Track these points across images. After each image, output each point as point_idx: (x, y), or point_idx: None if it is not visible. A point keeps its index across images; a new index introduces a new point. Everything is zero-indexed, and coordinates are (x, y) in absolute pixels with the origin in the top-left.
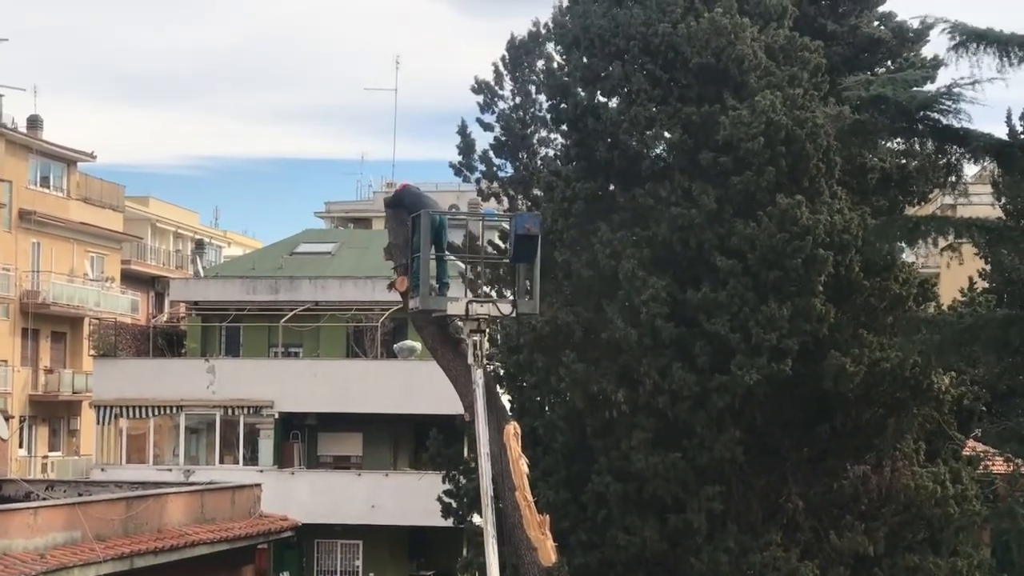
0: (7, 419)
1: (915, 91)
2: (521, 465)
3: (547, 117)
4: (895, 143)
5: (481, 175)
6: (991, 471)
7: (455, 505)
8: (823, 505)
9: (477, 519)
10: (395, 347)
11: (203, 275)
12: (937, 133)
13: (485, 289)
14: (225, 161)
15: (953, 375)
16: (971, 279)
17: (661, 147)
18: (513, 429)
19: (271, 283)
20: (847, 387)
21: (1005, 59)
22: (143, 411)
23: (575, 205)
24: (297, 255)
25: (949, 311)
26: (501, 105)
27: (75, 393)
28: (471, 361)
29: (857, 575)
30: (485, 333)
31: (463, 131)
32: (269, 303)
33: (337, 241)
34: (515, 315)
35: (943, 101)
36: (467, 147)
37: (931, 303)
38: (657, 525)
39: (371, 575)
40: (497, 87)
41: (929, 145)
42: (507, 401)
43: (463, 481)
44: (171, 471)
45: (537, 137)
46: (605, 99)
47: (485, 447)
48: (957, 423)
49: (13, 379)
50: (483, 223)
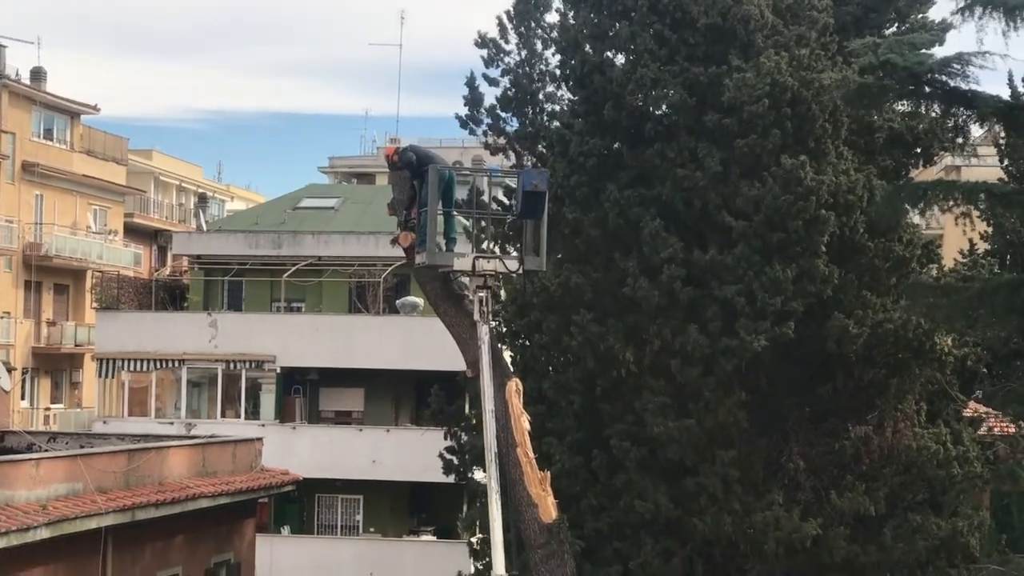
0: (9, 371)
1: (924, 55)
2: (522, 422)
3: (555, 72)
4: (903, 106)
5: (488, 128)
6: (992, 432)
7: (456, 462)
8: (824, 465)
9: (478, 476)
10: (397, 303)
11: (206, 229)
12: (945, 96)
13: (490, 244)
14: (229, 115)
15: (955, 336)
16: (972, 242)
17: (665, 107)
18: (515, 385)
19: (274, 237)
20: (850, 348)
21: (1011, 23)
22: (145, 364)
23: (589, 161)
24: (300, 210)
25: (951, 273)
26: (506, 60)
27: (77, 346)
28: (477, 317)
29: (857, 535)
30: (491, 289)
31: (471, 84)
32: (272, 257)
33: (340, 196)
34: (522, 271)
35: (952, 66)
36: (474, 100)
37: (934, 265)
38: (669, 489)
39: (371, 530)
40: (502, 41)
41: (936, 108)
42: (508, 358)
43: (464, 438)
44: (172, 424)
45: (543, 92)
46: (611, 57)
47: (490, 403)
48: (959, 384)
49: (16, 331)
50: (489, 179)
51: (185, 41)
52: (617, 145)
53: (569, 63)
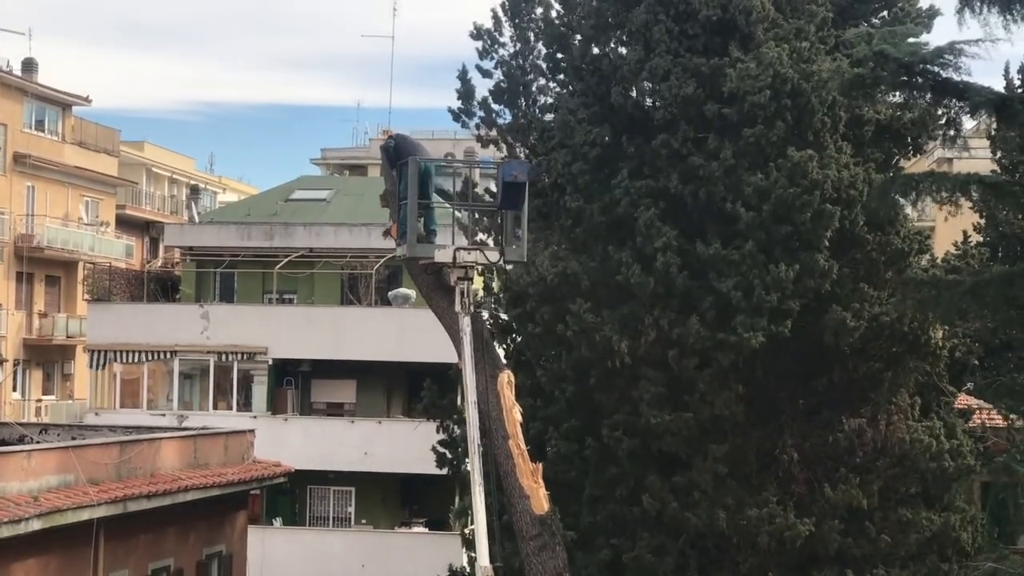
0: (1, 362)
1: (917, 45)
2: (514, 414)
3: (544, 66)
4: (894, 96)
5: (480, 121)
6: (983, 425)
7: (449, 454)
8: (818, 458)
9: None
10: (390, 294)
11: (198, 221)
12: (937, 87)
13: (481, 236)
14: (221, 107)
15: (946, 329)
16: (965, 233)
17: (673, 98)
18: (507, 377)
19: (266, 229)
20: (847, 341)
21: (1009, 17)
22: (137, 356)
23: (593, 151)
24: (292, 201)
25: (943, 264)
26: (501, 52)
27: (69, 337)
28: (458, 308)
29: (850, 528)
30: (472, 280)
31: (463, 76)
32: (264, 249)
33: (332, 188)
34: (503, 262)
35: (945, 56)
36: (467, 93)
37: (925, 256)
38: (661, 482)
39: (363, 522)
40: (497, 33)
41: (928, 98)
42: (502, 351)
43: (457, 430)
44: (164, 416)
45: (536, 85)
46: (617, 48)
47: (473, 395)
48: (949, 377)
49: (7, 323)
50: (478, 170)
51: (177, 33)
52: (610, 137)
53: (556, 56)
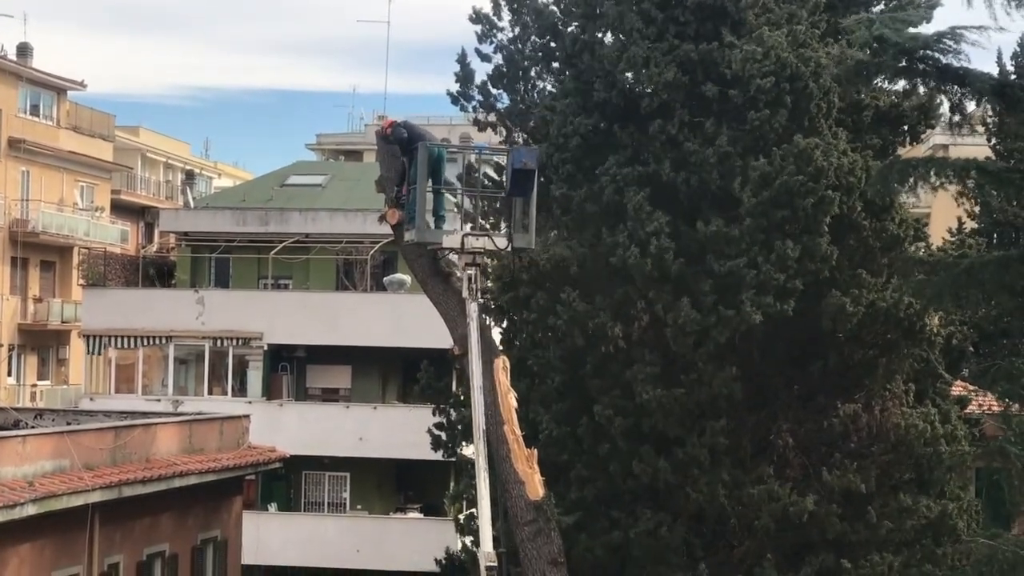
0: None
1: (917, 32)
2: (509, 399)
3: (540, 53)
4: (895, 84)
5: (478, 105)
6: (979, 411)
7: (445, 438)
8: (813, 443)
9: (466, 452)
10: (385, 280)
11: (193, 206)
12: (938, 73)
13: (481, 222)
14: (216, 92)
15: (942, 315)
16: (960, 220)
17: (656, 85)
18: (502, 363)
19: (261, 214)
20: (845, 327)
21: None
22: (132, 341)
23: (572, 140)
24: (288, 187)
25: (939, 251)
26: (499, 37)
27: (64, 322)
28: (466, 295)
29: (846, 513)
30: (480, 266)
31: (462, 60)
32: (259, 235)
33: (328, 173)
34: (511, 249)
35: (945, 41)
36: (465, 76)
37: (921, 242)
38: (657, 459)
39: (359, 507)
40: (496, 18)
41: (930, 85)
42: (497, 336)
43: (453, 414)
44: (160, 401)
45: (535, 70)
46: (601, 36)
47: (479, 380)
48: (945, 363)
49: (2, 308)
50: (480, 156)
51: (172, 17)
52: (604, 124)
53: (548, 45)
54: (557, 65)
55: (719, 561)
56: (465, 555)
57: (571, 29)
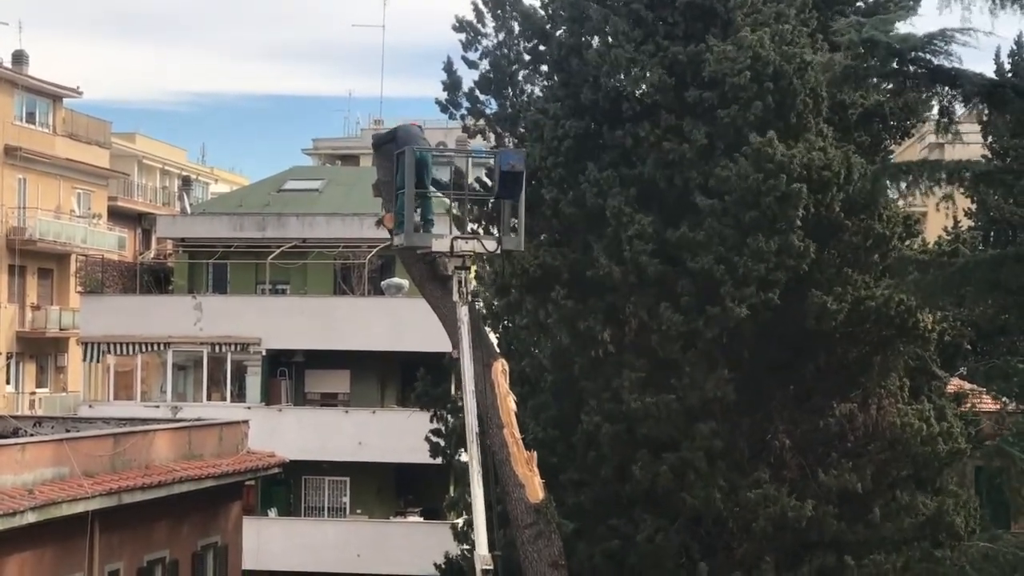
0: None
1: (907, 33)
2: (509, 402)
3: (528, 57)
4: (886, 85)
5: (467, 112)
6: (976, 409)
7: (443, 444)
8: (809, 443)
9: (465, 457)
10: (383, 284)
11: (190, 212)
12: (928, 75)
13: (472, 226)
14: (212, 98)
15: (937, 313)
16: (955, 219)
17: (645, 87)
18: (501, 366)
19: (258, 220)
20: (829, 325)
21: (996, 2)
22: (130, 348)
23: (564, 143)
24: (284, 192)
25: (935, 249)
26: (485, 43)
27: (62, 330)
28: (456, 298)
29: (843, 513)
30: (470, 270)
31: (449, 68)
32: (256, 240)
33: (324, 178)
34: (500, 251)
35: (935, 43)
36: (453, 84)
37: (915, 240)
38: (651, 465)
39: (358, 512)
40: (480, 24)
41: (919, 88)
42: (494, 340)
43: (451, 419)
44: (158, 408)
45: (523, 74)
46: (588, 40)
47: (470, 384)
48: (941, 361)
49: (0, 316)
50: (470, 160)
51: (168, 23)
52: (595, 126)
53: (537, 48)
54: (546, 69)
55: (718, 563)
56: (464, 561)
57: (559, 33)
